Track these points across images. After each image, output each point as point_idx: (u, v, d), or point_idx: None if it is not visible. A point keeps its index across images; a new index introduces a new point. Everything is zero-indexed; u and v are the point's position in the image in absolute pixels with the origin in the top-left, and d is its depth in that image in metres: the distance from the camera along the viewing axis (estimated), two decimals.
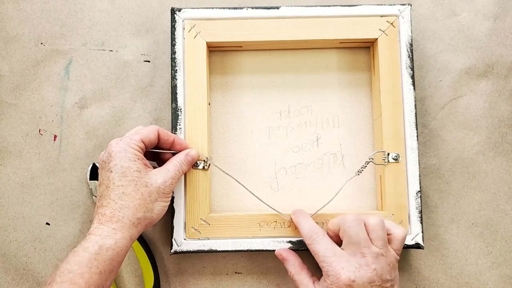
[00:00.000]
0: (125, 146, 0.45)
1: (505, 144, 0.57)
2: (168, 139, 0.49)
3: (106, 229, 0.42)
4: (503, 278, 0.55)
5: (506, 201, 0.56)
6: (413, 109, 0.53)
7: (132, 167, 0.44)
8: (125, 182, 0.43)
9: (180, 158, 0.48)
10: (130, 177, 0.44)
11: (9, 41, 0.58)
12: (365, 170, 0.56)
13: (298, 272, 0.47)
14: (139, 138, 0.46)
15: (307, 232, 0.47)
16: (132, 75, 0.58)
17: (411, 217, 0.52)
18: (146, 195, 0.44)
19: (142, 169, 0.45)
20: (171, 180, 0.46)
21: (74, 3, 0.58)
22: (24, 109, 0.57)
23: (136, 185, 0.44)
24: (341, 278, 0.42)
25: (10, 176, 0.57)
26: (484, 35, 0.58)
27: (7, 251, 0.56)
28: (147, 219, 0.44)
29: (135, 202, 0.43)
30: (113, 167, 0.44)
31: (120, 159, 0.44)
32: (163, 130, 0.49)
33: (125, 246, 0.43)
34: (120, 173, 0.44)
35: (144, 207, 0.44)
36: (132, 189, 0.43)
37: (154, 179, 0.45)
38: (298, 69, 0.57)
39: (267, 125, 0.57)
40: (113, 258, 0.42)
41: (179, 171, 0.47)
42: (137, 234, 0.44)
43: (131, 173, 0.44)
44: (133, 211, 0.43)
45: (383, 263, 0.43)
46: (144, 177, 0.44)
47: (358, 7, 0.54)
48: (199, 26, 0.54)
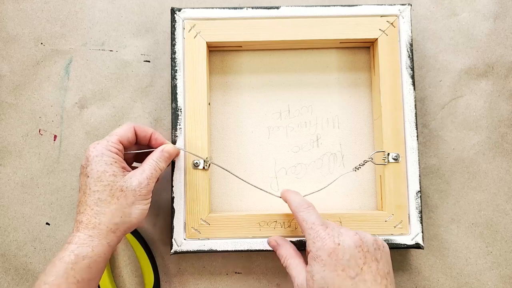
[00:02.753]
0: (102, 150, 0.44)
1: (505, 144, 0.57)
2: (146, 134, 0.48)
3: (83, 237, 0.41)
4: (503, 278, 0.55)
5: (506, 201, 0.56)
6: (413, 109, 0.53)
7: (108, 171, 0.43)
8: (101, 187, 0.42)
9: (155, 156, 0.47)
10: (106, 182, 0.43)
11: (9, 41, 0.58)
12: (365, 170, 0.56)
13: (293, 256, 0.46)
14: (116, 139, 0.45)
15: (299, 202, 0.46)
16: (132, 75, 0.58)
17: (411, 217, 0.52)
18: (122, 200, 0.43)
19: (118, 172, 0.43)
20: (147, 181, 0.44)
21: (74, 3, 0.58)
22: (24, 109, 0.57)
23: (112, 190, 0.43)
24: (327, 242, 0.41)
25: (10, 176, 0.57)
26: (484, 35, 0.58)
27: (7, 251, 0.56)
28: (126, 223, 0.43)
29: (111, 208, 0.42)
30: (90, 172, 0.43)
31: (96, 163, 0.43)
32: (139, 125, 0.48)
33: (104, 253, 0.42)
34: (96, 178, 0.43)
35: (121, 212, 0.43)
36: (108, 194, 0.42)
37: (129, 182, 0.43)
38: (298, 69, 0.57)
39: (267, 125, 0.57)
40: (91, 266, 0.41)
41: (155, 169, 0.46)
42: (117, 240, 0.43)
43: (107, 177, 0.43)
44: (109, 217, 0.42)
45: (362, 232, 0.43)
46: (119, 181, 0.43)
47: (358, 7, 0.54)
48: (199, 26, 0.54)
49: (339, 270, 0.40)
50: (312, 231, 0.43)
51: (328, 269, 0.40)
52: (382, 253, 0.42)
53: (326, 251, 0.41)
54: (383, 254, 0.42)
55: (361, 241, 0.42)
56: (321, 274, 0.41)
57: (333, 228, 0.43)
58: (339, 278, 0.40)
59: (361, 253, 0.41)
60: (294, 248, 0.48)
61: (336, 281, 0.40)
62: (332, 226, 0.43)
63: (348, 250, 0.41)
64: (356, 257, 0.41)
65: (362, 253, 0.41)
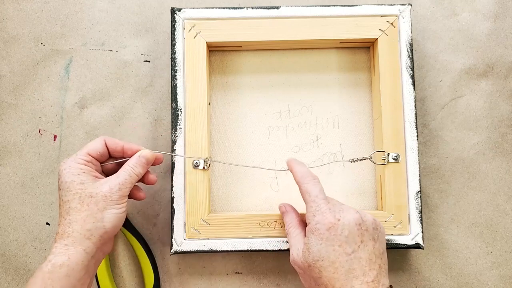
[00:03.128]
0: (70, 163, 0.45)
1: (505, 144, 0.57)
2: (116, 147, 0.48)
3: (59, 246, 0.42)
4: (503, 278, 0.55)
5: (506, 201, 0.56)
6: (413, 109, 0.53)
7: (75, 180, 0.44)
8: (70, 197, 0.43)
9: (132, 162, 0.47)
10: (74, 191, 0.43)
11: (9, 41, 0.58)
12: (365, 170, 0.56)
13: (295, 225, 0.47)
14: (84, 152, 0.46)
15: (304, 173, 0.46)
16: (132, 75, 0.58)
17: (411, 217, 0.52)
18: (93, 206, 0.43)
19: (87, 181, 0.44)
20: (119, 186, 0.44)
21: (74, 3, 0.58)
22: (24, 109, 0.57)
23: (81, 197, 0.43)
24: (327, 216, 0.42)
25: (10, 176, 0.57)
26: (484, 35, 0.58)
27: (7, 251, 0.56)
28: (99, 229, 0.43)
29: (82, 215, 0.43)
30: (60, 184, 0.44)
31: (65, 175, 0.44)
32: (110, 138, 0.48)
33: (81, 260, 0.42)
34: (65, 189, 0.43)
35: (92, 217, 0.43)
36: (78, 202, 0.43)
37: (99, 188, 0.44)
38: (298, 69, 0.57)
39: (267, 125, 0.57)
40: (69, 274, 0.41)
41: (130, 176, 0.46)
42: (94, 247, 0.43)
43: (74, 186, 0.43)
44: (81, 223, 0.42)
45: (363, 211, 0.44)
46: (88, 188, 0.43)
47: (358, 7, 0.54)
48: (199, 26, 0.54)
49: (336, 245, 0.41)
50: (314, 204, 0.43)
51: (325, 243, 0.41)
52: (379, 233, 0.43)
53: (325, 225, 0.41)
54: (380, 234, 0.43)
55: (361, 219, 0.42)
56: (318, 247, 0.41)
57: (335, 203, 0.44)
58: (335, 253, 0.41)
59: (360, 231, 0.42)
60: (299, 218, 0.48)
61: (331, 256, 0.41)
62: (334, 202, 0.44)
63: (348, 227, 0.41)
64: (354, 234, 0.41)
65: (361, 231, 0.42)
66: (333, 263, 0.40)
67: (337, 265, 0.40)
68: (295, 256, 0.44)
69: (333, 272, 0.40)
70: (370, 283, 0.40)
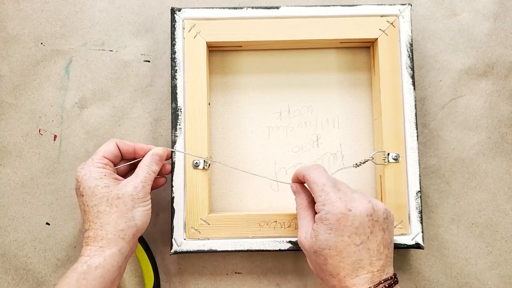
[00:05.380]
0: (89, 168, 0.45)
1: (505, 144, 0.57)
2: (128, 148, 0.49)
3: (94, 249, 0.43)
4: (503, 278, 0.55)
5: (506, 201, 0.56)
6: (413, 109, 0.53)
7: (100, 184, 0.44)
8: (97, 201, 0.44)
9: (146, 160, 0.48)
10: (100, 195, 0.44)
11: (9, 41, 0.58)
12: (365, 170, 0.56)
13: (305, 207, 0.46)
14: (100, 155, 0.47)
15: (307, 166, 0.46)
16: (132, 75, 0.58)
17: (411, 217, 0.52)
18: (122, 206, 0.44)
19: (110, 183, 0.45)
20: (142, 184, 0.45)
21: (74, 3, 0.58)
22: (24, 109, 0.57)
23: (108, 200, 0.44)
24: (337, 206, 0.41)
25: (10, 176, 0.57)
26: (484, 35, 0.58)
27: (7, 251, 0.56)
28: (132, 227, 0.44)
29: (113, 216, 0.43)
30: (83, 191, 0.45)
31: (86, 181, 0.44)
32: (121, 141, 0.49)
33: (116, 261, 0.43)
34: (90, 194, 0.44)
35: (123, 218, 0.44)
36: (106, 205, 0.44)
37: (124, 189, 0.45)
38: (298, 69, 0.57)
39: (267, 125, 0.57)
40: (104, 275, 0.42)
41: (148, 173, 0.47)
42: (128, 247, 0.44)
43: (100, 190, 0.44)
44: (113, 225, 0.43)
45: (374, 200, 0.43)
46: (113, 190, 0.44)
47: (358, 7, 0.54)
48: (199, 26, 0.54)
49: (345, 236, 0.40)
50: (323, 193, 0.42)
51: (335, 233, 0.40)
52: (389, 222, 0.43)
53: (335, 215, 0.41)
54: (390, 223, 0.43)
55: (373, 209, 0.41)
56: (326, 236, 0.41)
57: (346, 192, 0.43)
58: (343, 243, 0.40)
59: (371, 222, 0.41)
60: (310, 199, 0.47)
61: (339, 246, 0.40)
62: (344, 190, 0.43)
63: (359, 218, 0.41)
64: (365, 225, 0.41)
65: (372, 222, 0.41)
66: (341, 252, 0.40)
67: (344, 255, 0.40)
68: (302, 239, 0.44)
69: (340, 261, 0.40)
70: (376, 272, 0.40)
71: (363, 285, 0.39)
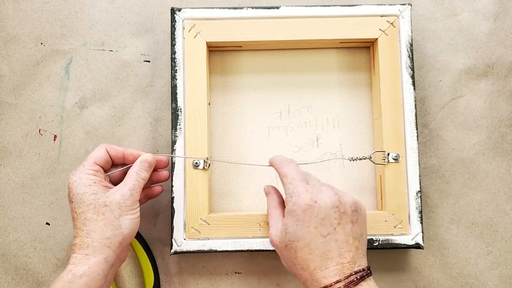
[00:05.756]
0: (80, 174, 0.45)
1: (505, 144, 0.57)
2: (117, 154, 0.48)
3: (79, 257, 0.42)
4: (503, 278, 0.55)
5: (506, 201, 0.56)
6: (413, 109, 0.53)
7: (88, 191, 0.44)
8: (84, 208, 0.44)
9: (135, 167, 0.47)
10: (87, 202, 0.44)
11: (9, 41, 0.58)
12: (365, 170, 0.56)
13: (275, 206, 0.47)
14: (91, 162, 0.46)
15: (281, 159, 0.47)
16: (132, 75, 0.58)
17: (411, 217, 0.52)
18: (109, 214, 0.44)
19: (98, 191, 0.45)
20: (130, 192, 0.45)
21: (74, 3, 0.58)
22: (24, 109, 0.57)
23: (95, 208, 0.44)
24: (304, 197, 0.42)
25: (10, 176, 0.57)
26: (484, 35, 0.58)
27: (7, 251, 0.56)
28: (118, 236, 0.44)
29: (99, 224, 0.43)
30: (72, 197, 0.45)
31: (76, 187, 0.44)
32: (110, 146, 0.48)
33: (102, 270, 0.42)
34: (78, 201, 0.44)
35: (110, 226, 0.43)
36: (93, 212, 0.43)
37: (112, 197, 0.44)
38: (298, 69, 0.57)
39: (267, 125, 0.57)
40: (89, 283, 0.41)
41: (137, 180, 0.46)
42: (114, 255, 0.44)
43: (87, 197, 0.44)
44: (100, 233, 0.43)
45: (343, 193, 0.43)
46: (101, 197, 0.44)
47: (358, 7, 0.54)
48: (199, 26, 0.54)
49: (311, 227, 0.41)
50: (291, 186, 0.43)
51: (302, 224, 0.41)
52: (358, 215, 0.43)
53: (301, 207, 0.41)
54: (359, 216, 0.43)
55: (339, 201, 0.42)
56: (294, 228, 0.41)
57: (314, 185, 0.43)
58: (310, 234, 0.41)
59: (337, 214, 0.41)
60: (281, 199, 0.48)
61: (307, 237, 0.41)
62: (313, 183, 0.43)
63: (324, 210, 0.41)
64: (331, 217, 0.41)
65: (338, 214, 0.41)
66: (308, 244, 0.41)
67: (312, 247, 0.41)
68: (273, 236, 0.45)
69: (308, 253, 0.41)
70: (346, 264, 0.40)
71: (333, 277, 0.39)
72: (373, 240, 0.52)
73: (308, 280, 0.41)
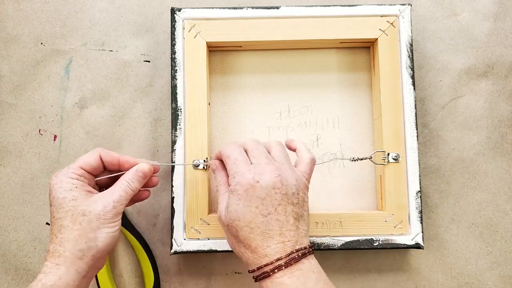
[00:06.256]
0: (61, 177, 0.43)
1: (505, 144, 0.57)
2: (112, 160, 0.46)
3: (50, 265, 0.40)
4: (503, 278, 0.55)
5: (506, 201, 0.56)
6: (413, 109, 0.53)
7: (68, 196, 0.42)
8: (62, 214, 0.41)
9: (128, 176, 0.45)
10: (66, 208, 0.41)
11: (9, 41, 0.58)
12: (365, 170, 0.56)
13: (225, 183, 0.46)
14: (77, 166, 0.44)
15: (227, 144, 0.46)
16: (132, 75, 0.58)
17: (411, 217, 0.52)
18: (85, 224, 0.41)
19: (79, 197, 0.42)
20: (113, 204, 0.42)
21: (74, 3, 0.58)
22: (24, 109, 0.57)
23: (73, 215, 0.41)
24: (246, 177, 0.41)
25: (10, 176, 0.57)
26: (484, 35, 0.58)
27: (7, 251, 0.56)
28: (92, 249, 0.41)
29: (74, 234, 0.41)
30: (52, 200, 0.42)
31: (56, 190, 0.42)
32: (105, 151, 0.46)
33: (72, 281, 0.40)
34: (57, 205, 0.42)
35: (85, 237, 0.41)
36: (70, 220, 0.41)
37: (93, 206, 0.42)
38: (298, 69, 0.57)
39: (267, 125, 0.57)
40: None
41: (125, 191, 0.44)
42: (86, 268, 0.41)
43: (67, 203, 0.41)
44: (73, 243, 0.40)
45: (288, 174, 0.43)
46: (81, 205, 0.42)
47: (358, 7, 0.54)
48: (199, 26, 0.54)
49: (252, 207, 0.41)
50: (234, 166, 0.43)
51: (243, 203, 0.41)
52: (299, 197, 0.43)
53: (243, 186, 0.41)
54: (300, 199, 0.43)
55: (281, 183, 0.42)
56: (235, 207, 0.41)
57: (258, 165, 0.43)
58: (251, 214, 0.41)
59: (278, 195, 0.41)
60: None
61: (247, 216, 0.41)
62: (258, 162, 0.43)
63: (266, 190, 0.41)
64: (272, 197, 0.41)
65: (280, 195, 0.41)
66: (249, 223, 0.41)
67: (253, 226, 0.41)
68: (220, 213, 0.44)
69: (249, 232, 0.41)
70: (287, 242, 0.41)
71: (274, 255, 0.40)
72: (373, 240, 0.52)
73: (250, 259, 0.41)
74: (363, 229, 0.52)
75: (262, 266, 0.40)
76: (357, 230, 0.52)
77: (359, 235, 0.52)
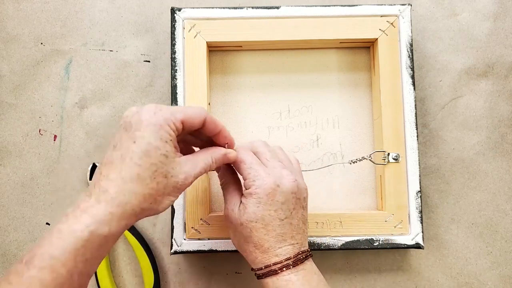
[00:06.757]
0: (162, 121, 0.37)
1: (505, 144, 0.57)
2: (215, 129, 0.42)
3: (102, 212, 0.35)
4: (503, 278, 0.55)
5: (506, 201, 0.56)
6: (413, 109, 0.53)
7: (161, 148, 0.37)
8: (146, 164, 0.36)
9: (216, 155, 0.42)
10: (153, 160, 0.36)
11: (9, 41, 0.58)
12: (365, 170, 0.56)
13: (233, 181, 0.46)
14: (180, 118, 0.39)
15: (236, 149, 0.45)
16: (132, 75, 0.58)
17: (411, 217, 0.52)
18: (161, 187, 0.37)
19: (170, 154, 0.37)
20: (193, 178, 0.39)
21: (74, 3, 0.58)
22: (24, 109, 0.57)
23: (156, 172, 0.37)
24: (267, 181, 0.42)
25: (10, 176, 0.57)
26: (484, 35, 0.58)
27: (7, 251, 0.56)
28: (152, 210, 0.38)
29: (146, 191, 0.36)
30: (138, 139, 0.37)
31: (150, 133, 0.37)
32: (211, 117, 0.41)
33: (119, 233, 0.37)
34: (144, 150, 0.36)
35: (153, 198, 0.37)
36: (149, 175, 0.36)
37: (176, 173, 0.38)
38: (298, 69, 0.57)
39: (267, 125, 0.57)
40: (103, 245, 0.35)
41: (205, 169, 0.41)
42: (134, 223, 0.38)
43: (157, 156, 0.37)
44: (140, 200, 0.36)
45: (299, 179, 0.45)
46: (167, 165, 0.37)
47: (358, 7, 0.54)
48: (199, 26, 0.54)
49: (272, 210, 0.42)
50: (252, 170, 0.43)
51: (263, 207, 0.42)
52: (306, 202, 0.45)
53: (265, 190, 0.42)
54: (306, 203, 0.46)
55: (297, 188, 0.44)
56: (254, 209, 0.42)
57: (274, 167, 0.44)
58: (270, 217, 0.42)
59: (294, 199, 0.43)
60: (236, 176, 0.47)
61: (266, 219, 0.42)
62: (272, 165, 0.44)
63: (286, 195, 0.43)
64: (289, 202, 0.43)
65: (295, 199, 0.43)
66: (266, 225, 0.42)
67: (269, 228, 0.42)
68: (229, 211, 0.44)
69: (265, 234, 0.42)
70: (296, 244, 0.43)
71: (285, 256, 0.42)
72: (373, 240, 0.52)
73: (258, 258, 0.43)
74: (363, 229, 0.52)
75: (270, 264, 0.42)
76: (357, 230, 0.52)
77: (359, 235, 0.52)
